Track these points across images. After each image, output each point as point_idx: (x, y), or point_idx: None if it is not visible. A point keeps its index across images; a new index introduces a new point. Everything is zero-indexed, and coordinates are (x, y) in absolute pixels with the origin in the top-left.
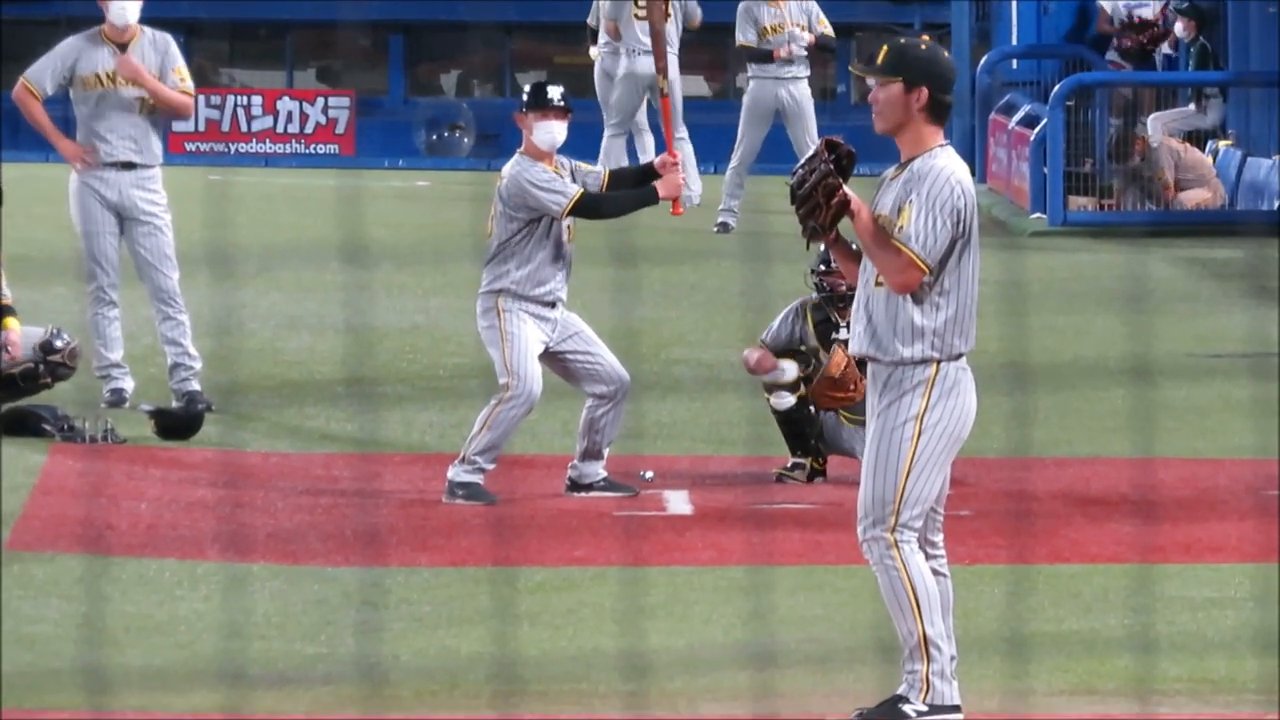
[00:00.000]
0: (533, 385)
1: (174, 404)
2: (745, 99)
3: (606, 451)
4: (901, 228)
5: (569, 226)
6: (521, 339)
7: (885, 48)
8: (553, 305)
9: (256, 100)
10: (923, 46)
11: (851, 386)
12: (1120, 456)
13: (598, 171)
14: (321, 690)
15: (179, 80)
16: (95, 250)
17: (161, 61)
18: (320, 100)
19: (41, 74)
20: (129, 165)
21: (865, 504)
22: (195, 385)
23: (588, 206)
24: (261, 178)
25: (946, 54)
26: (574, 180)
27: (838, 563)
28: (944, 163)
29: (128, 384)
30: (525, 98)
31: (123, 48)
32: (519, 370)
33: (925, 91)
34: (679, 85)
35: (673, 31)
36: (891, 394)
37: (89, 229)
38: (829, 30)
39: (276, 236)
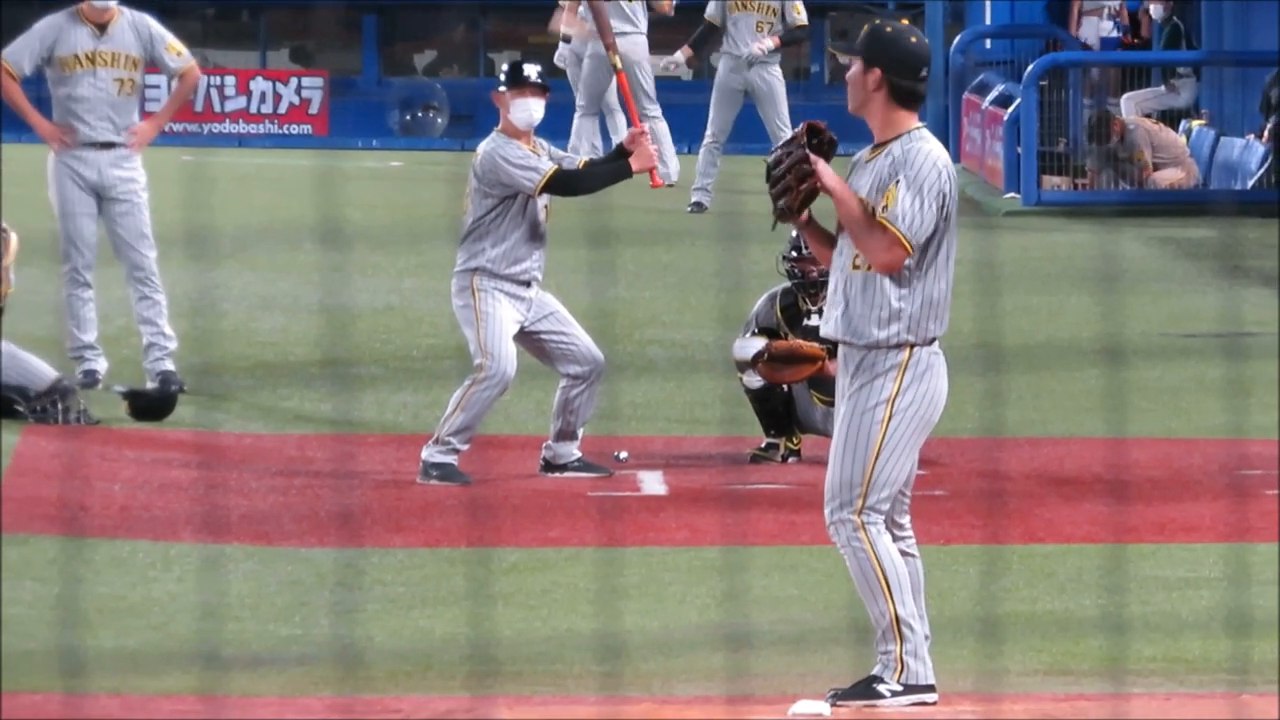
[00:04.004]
0: (507, 366)
1: (148, 384)
2: (715, 78)
3: (581, 432)
4: (887, 207)
5: (546, 206)
6: (496, 319)
7: (865, 27)
8: (528, 284)
9: (230, 80)
10: (889, 29)
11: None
12: (1094, 436)
13: (574, 158)
14: (296, 671)
15: (175, 56)
16: (72, 231)
17: (147, 45)
18: (294, 80)
19: (19, 54)
20: (108, 145)
21: (833, 486)
22: (169, 365)
23: (561, 183)
24: (235, 158)
25: (917, 39)
26: (550, 160)
27: (812, 543)
28: (928, 147)
29: (101, 365)
30: (503, 76)
31: (102, 28)
32: (493, 350)
33: (878, 73)
34: (649, 64)
35: (640, 10)
36: (864, 377)
37: (66, 209)
38: (802, 17)
39: (250, 217)
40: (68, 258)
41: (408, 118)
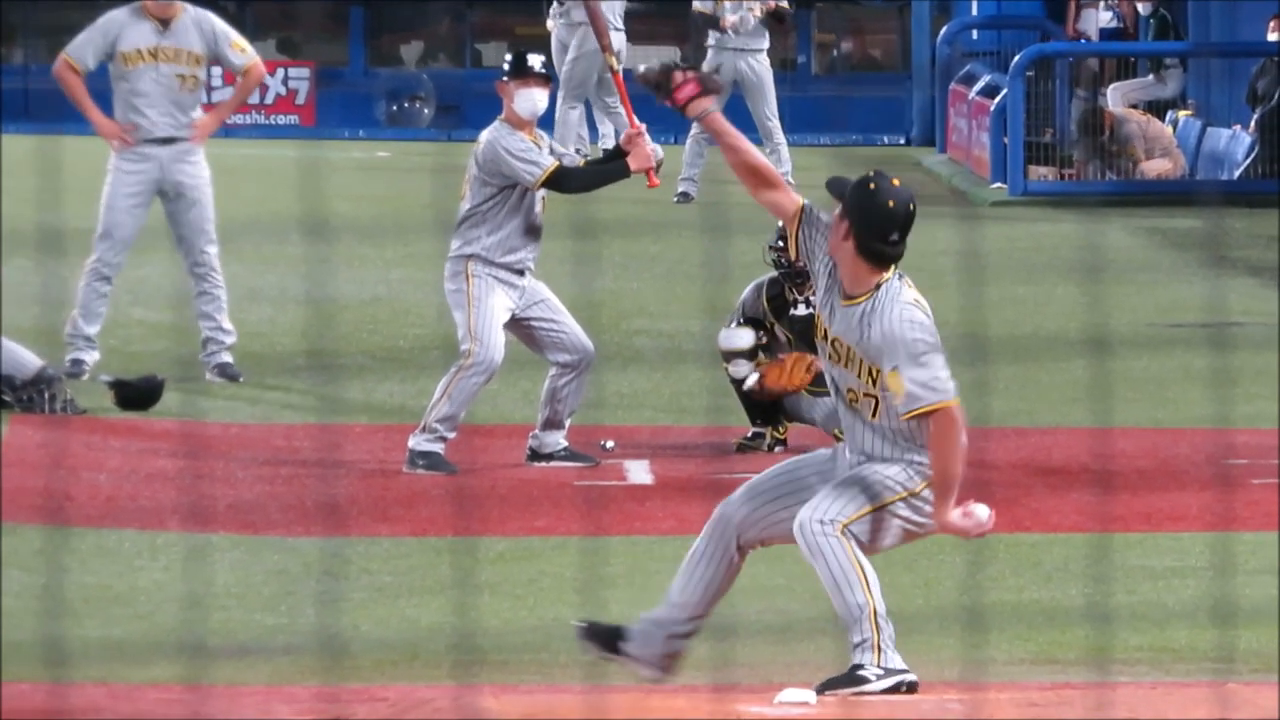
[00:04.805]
0: (494, 353)
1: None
2: (703, 70)
3: (568, 421)
4: (895, 394)
5: (543, 198)
6: (487, 305)
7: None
8: (521, 273)
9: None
10: (872, 185)
11: (797, 382)
12: (1080, 426)
13: (574, 156)
14: (282, 660)
15: (239, 52)
16: (112, 225)
17: (210, 42)
18: (281, 71)
19: (83, 49)
20: (169, 140)
21: (824, 501)
22: (227, 358)
23: (560, 179)
24: (222, 149)
25: (896, 203)
26: (551, 154)
27: None
28: (899, 310)
29: (90, 357)
30: (506, 66)
31: (165, 24)
32: (482, 337)
33: (847, 225)
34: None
35: (618, 9)
36: (895, 458)
37: (113, 203)
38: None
39: (237, 208)
40: (98, 248)
41: (394, 108)
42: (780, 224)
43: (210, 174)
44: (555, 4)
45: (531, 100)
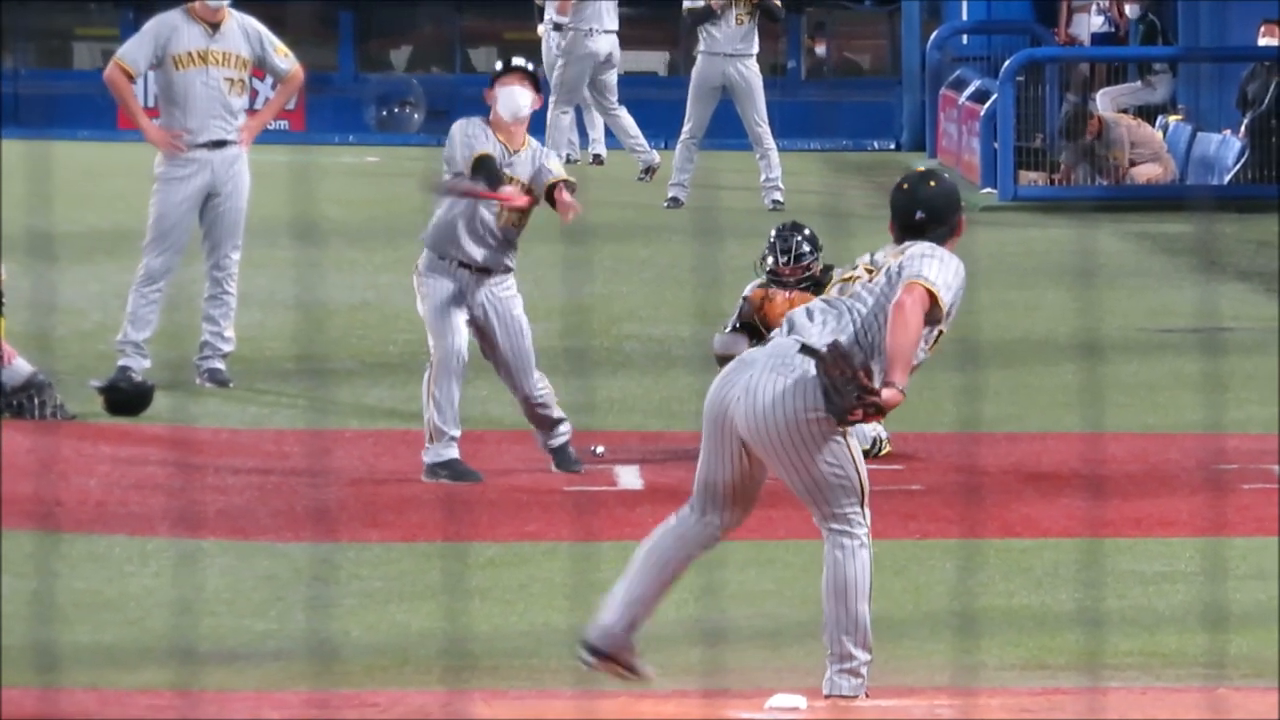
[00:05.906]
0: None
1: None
2: (692, 74)
3: (556, 411)
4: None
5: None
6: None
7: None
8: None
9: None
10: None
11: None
12: (1071, 431)
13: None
14: (272, 666)
15: (283, 58)
16: (167, 232)
17: (256, 47)
18: (270, 76)
19: (135, 52)
20: (218, 144)
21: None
22: (219, 364)
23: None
24: None
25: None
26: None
27: (788, 538)
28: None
29: (138, 364)
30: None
31: (214, 27)
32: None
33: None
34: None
35: (611, 9)
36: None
37: (165, 210)
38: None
39: None
40: (147, 255)
41: (384, 113)
42: (771, 234)
43: (251, 180)
44: (547, 10)
45: (512, 98)
